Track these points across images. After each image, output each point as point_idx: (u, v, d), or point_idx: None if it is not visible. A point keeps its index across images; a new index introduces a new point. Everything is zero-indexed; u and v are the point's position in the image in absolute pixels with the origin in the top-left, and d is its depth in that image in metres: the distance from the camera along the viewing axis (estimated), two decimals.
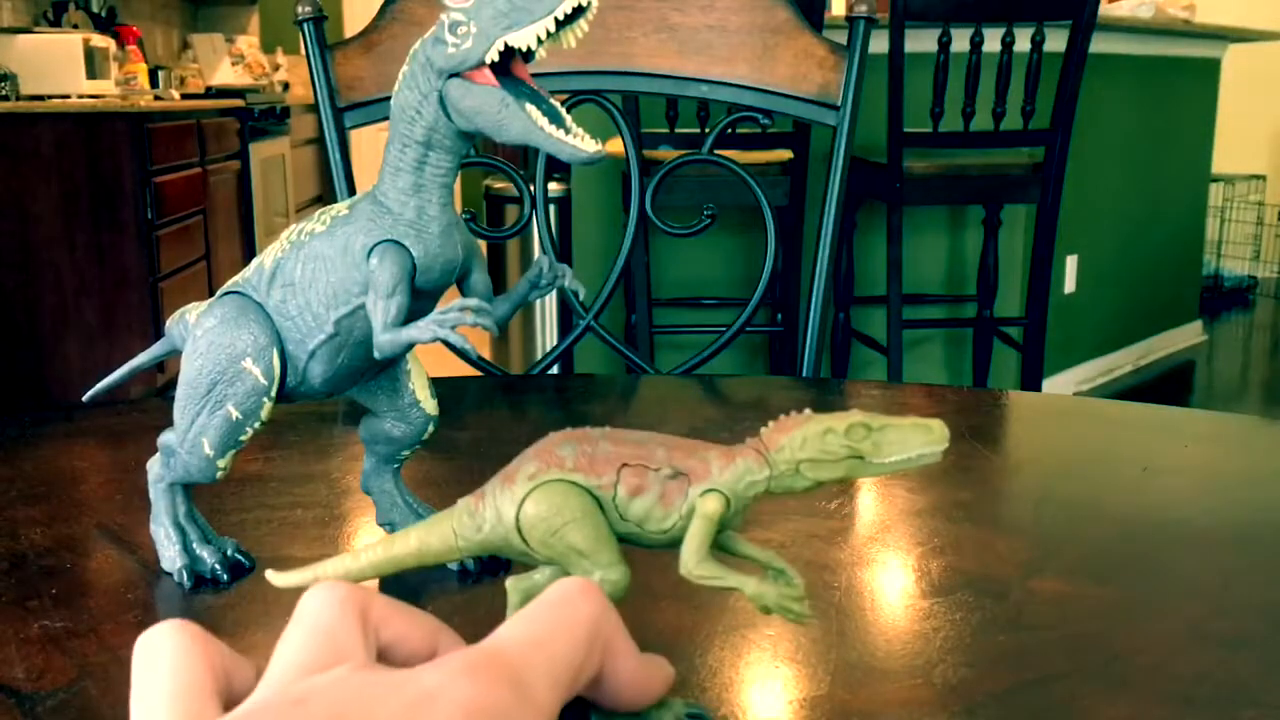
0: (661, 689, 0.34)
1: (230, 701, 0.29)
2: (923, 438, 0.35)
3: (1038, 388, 2.97)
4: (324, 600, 0.31)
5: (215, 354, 0.48)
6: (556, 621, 0.31)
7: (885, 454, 0.35)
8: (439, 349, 0.57)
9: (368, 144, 5.44)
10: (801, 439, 0.36)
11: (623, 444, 0.37)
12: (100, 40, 3.64)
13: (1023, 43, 2.84)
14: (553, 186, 3.30)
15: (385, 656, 0.31)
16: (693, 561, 0.36)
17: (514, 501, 0.37)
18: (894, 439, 0.35)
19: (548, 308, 3.56)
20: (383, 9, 0.98)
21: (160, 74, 4.56)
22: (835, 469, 0.36)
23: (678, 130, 2.65)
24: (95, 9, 4.29)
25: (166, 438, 0.51)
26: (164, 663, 0.29)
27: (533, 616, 0.31)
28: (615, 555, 0.37)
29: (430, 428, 0.53)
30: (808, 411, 0.37)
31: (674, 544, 0.37)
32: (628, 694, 0.32)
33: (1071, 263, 3.68)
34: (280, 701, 0.27)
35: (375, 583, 0.51)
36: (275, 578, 0.42)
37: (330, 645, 0.30)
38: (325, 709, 0.27)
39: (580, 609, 0.31)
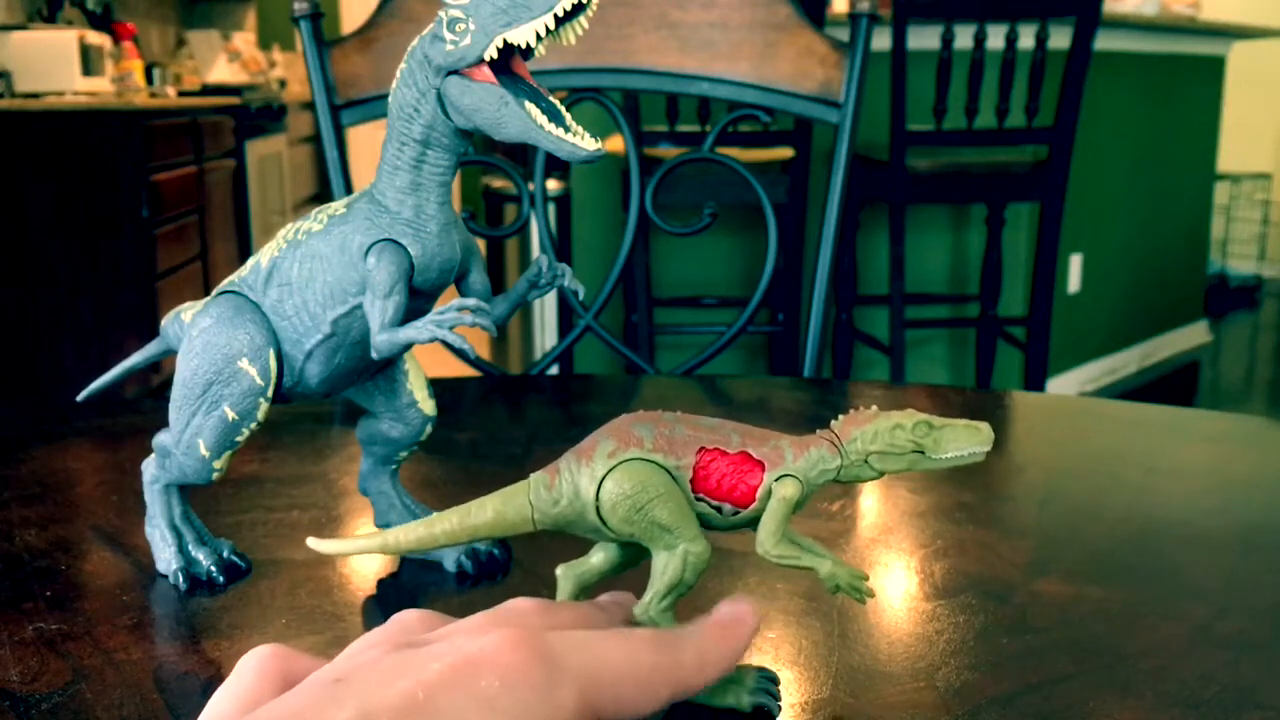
0: (730, 665, 0.35)
1: None
2: (974, 438, 0.39)
3: (1041, 388, 2.97)
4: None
5: (211, 354, 0.47)
6: (611, 644, 0.31)
7: (944, 450, 0.38)
8: (437, 349, 0.56)
9: (365, 142, 5.44)
10: (873, 432, 0.39)
11: (698, 428, 0.39)
12: (95, 37, 3.63)
13: (1026, 39, 2.84)
14: (552, 185, 3.29)
15: None
16: (770, 542, 0.38)
17: (593, 479, 0.38)
18: (951, 437, 0.39)
19: (547, 307, 3.55)
20: (381, 5, 0.98)
21: (156, 71, 4.55)
22: (899, 462, 0.39)
23: (678, 128, 2.64)
24: (90, 6, 4.27)
25: (162, 438, 0.50)
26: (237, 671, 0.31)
27: (594, 632, 0.32)
28: (698, 529, 0.38)
29: (428, 428, 0.52)
30: (875, 408, 0.39)
31: (744, 526, 0.39)
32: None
33: (1076, 262, 3.67)
34: (321, 680, 0.28)
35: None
36: (318, 544, 0.41)
37: (395, 628, 0.31)
38: (364, 682, 0.27)
39: (641, 652, 0.32)
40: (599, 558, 0.41)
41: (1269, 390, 4.08)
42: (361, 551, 0.40)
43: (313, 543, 0.40)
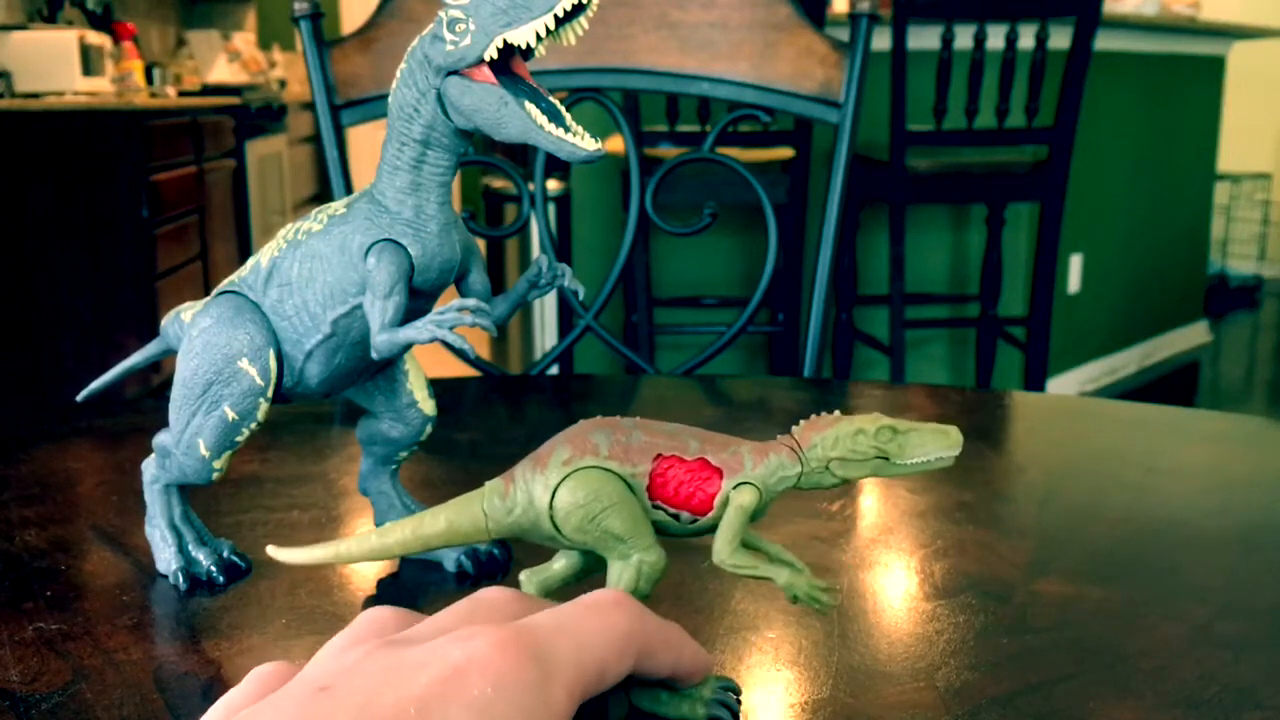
0: (702, 676, 0.35)
1: None
2: (942, 442, 0.37)
3: (1041, 388, 2.97)
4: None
5: (211, 354, 0.47)
6: (586, 619, 0.31)
7: (909, 455, 0.37)
8: (437, 349, 0.56)
9: (365, 142, 5.44)
10: (834, 438, 0.38)
11: (656, 434, 0.38)
12: (96, 37, 3.63)
13: (1026, 39, 2.84)
14: (552, 185, 3.29)
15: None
16: (726, 551, 0.37)
17: (547, 487, 0.38)
18: (917, 442, 0.37)
19: (547, 307, 3.55)
20: (381, 5, 0.98)
21: (156, 71, 4.55)
22: (862, 468, 0.38)
23: (678, 128, 2.64)
24: (90, 6, 4.28)
25: (161, 438, 0.50)
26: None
27: (564, 610, 0.31)
28: (652, 539, 0.38)
29: (428, 428, 0.52)
30: (837, 413, 0.38)
31: (702, 533, 0.38)
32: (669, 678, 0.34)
33: (1076, 262, 3.67)
34: (304, 689, 0.27)
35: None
36: (277, 553, 0.41)
37: (371, 627, 0.31)
38: (352, 694, 0.27)
39: (613, 616, 0.32)
40: (561, 564, 0.40)
41: (1269, 390, 4.08)
42: (315, 562, 0.40)
43: (272, 550, 0.41)
